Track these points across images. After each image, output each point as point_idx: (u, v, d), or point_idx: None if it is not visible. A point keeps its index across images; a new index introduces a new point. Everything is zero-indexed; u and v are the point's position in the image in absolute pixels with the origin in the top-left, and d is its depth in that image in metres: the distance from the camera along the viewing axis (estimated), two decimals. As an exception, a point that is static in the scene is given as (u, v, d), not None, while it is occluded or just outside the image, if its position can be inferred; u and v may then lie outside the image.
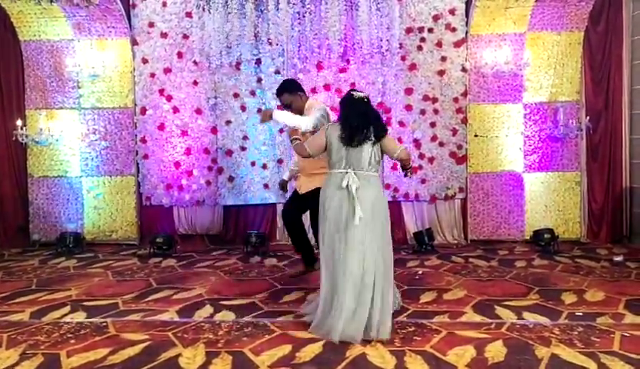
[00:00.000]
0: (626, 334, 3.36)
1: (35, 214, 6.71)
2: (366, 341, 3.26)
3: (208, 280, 4.93)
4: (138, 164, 6.66)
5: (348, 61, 6.51)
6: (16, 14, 6.43)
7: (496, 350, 3.13)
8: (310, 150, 3.63)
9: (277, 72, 6.53)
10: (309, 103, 4.52)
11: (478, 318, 3.76)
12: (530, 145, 6.55)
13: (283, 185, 5.11)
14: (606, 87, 6.46)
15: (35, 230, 6.71)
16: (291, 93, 4.51)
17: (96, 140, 6.66)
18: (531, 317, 3.74)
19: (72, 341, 3.37)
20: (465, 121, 6.49)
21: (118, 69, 6.62)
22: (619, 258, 5.58)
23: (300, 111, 4.41)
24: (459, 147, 6.51)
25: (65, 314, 3.95)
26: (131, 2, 6.58)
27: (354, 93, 3.62)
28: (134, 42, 6.56)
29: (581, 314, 3.81)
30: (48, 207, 6.71)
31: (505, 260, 5.68)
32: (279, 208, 6.70)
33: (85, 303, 4.24)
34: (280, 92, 4.56)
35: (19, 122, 6.39)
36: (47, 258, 6.02)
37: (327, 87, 6.51)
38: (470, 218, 6.59)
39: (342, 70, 6.52)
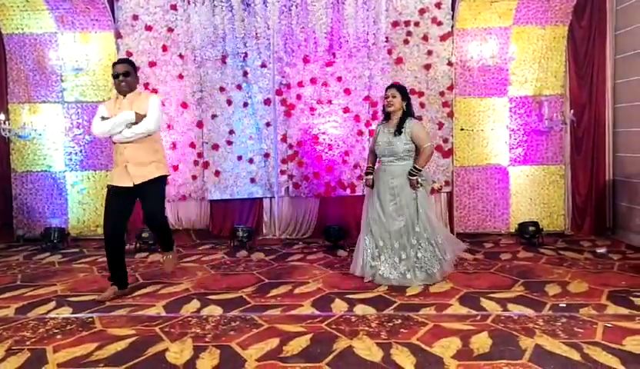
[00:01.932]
0: (609, 325, 3.41)
1: (19, 209, 6.64)
2: (354, 334, 3.30)
3: (194, 275, 4.92)
4: (123, 158, 6.59)
5: (334, 55, 6.49)
6: (-2, 7, 6.34)
7: (481, 342, 3.17)
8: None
9: (263, 66, 6.49)
10: (140, 89, 4.55)
11: (463, 310, 3.80)
12: (515, 139, 6.59)
13: None
14: (590, 80, 6.51)
15: (19, 225, 6.64)
16: (134, 68, 4.35)
17: (80, 134, 6.59)
18: (515, 309, 3.80)
19: (58, 337, 3.36)
20: (451, 114, 6.51)
21: (102, 62, 6.52)
22: (602, 250, 5.67)
23: (131, 89, 4.28)
24: (445, 140, 6.53)
25: (51, 310, 3.94)
26: (114, -6, 6.51)
27: None
28: (118, 35, 6.48)
29: (564, 305, 3.87)
30: (32, 202, 6.64)
31: (490, 252, 5.73)
32: (266, 203, 6.72)
33: (70, 298, 4.22)
34: (125, 62, 4.37)
35: (2, 116, 6.27)
36: (31, 254, 5.96)
37: (313, 80, 6.49)
38: (456, 211, 6.63)
39: (329, 63, 6.49)
